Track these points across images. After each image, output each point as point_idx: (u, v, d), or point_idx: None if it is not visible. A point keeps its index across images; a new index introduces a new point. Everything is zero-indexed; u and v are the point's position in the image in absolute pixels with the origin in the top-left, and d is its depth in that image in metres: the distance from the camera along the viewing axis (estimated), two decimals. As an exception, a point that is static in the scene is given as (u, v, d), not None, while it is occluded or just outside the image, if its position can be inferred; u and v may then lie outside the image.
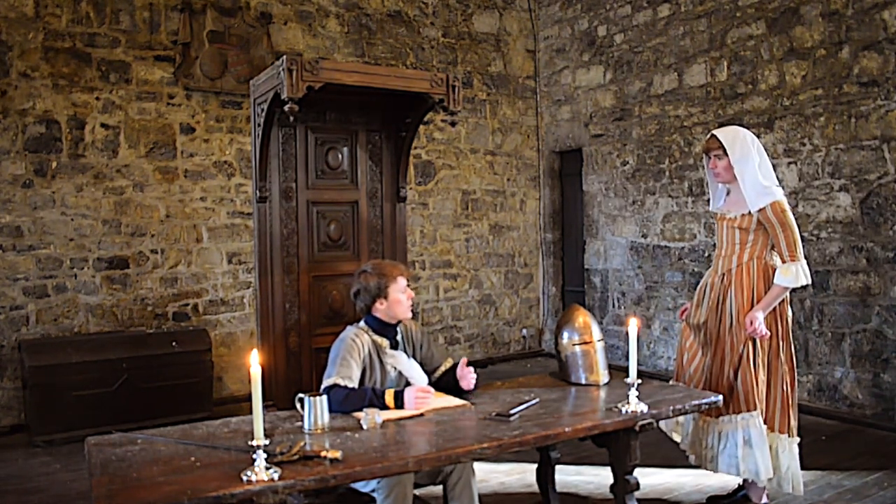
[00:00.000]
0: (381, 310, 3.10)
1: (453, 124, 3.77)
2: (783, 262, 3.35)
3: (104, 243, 5.74)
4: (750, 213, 3.40)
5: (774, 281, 3.34)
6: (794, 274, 3.30)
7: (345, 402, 2.78)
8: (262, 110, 3.56)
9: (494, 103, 7.87)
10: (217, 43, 6.14)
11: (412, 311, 3.19)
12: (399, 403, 2.79)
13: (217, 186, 6.22)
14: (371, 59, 6.99)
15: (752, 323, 3.31)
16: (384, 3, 7.13)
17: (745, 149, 3.40)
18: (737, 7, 5.97)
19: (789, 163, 5.61)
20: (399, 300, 3.09)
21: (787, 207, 3.38)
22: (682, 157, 6.54)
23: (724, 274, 3.50)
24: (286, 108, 3.21)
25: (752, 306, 3.37)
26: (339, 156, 3.92)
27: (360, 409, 2.72)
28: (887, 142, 5.01)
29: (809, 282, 3.38)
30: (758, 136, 5.90)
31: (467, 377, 3.08)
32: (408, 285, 3.17)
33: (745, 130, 3.52)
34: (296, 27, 6.63)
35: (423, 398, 2.82)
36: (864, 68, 5.13)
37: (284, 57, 3.20)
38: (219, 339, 6.16)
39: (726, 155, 3.42)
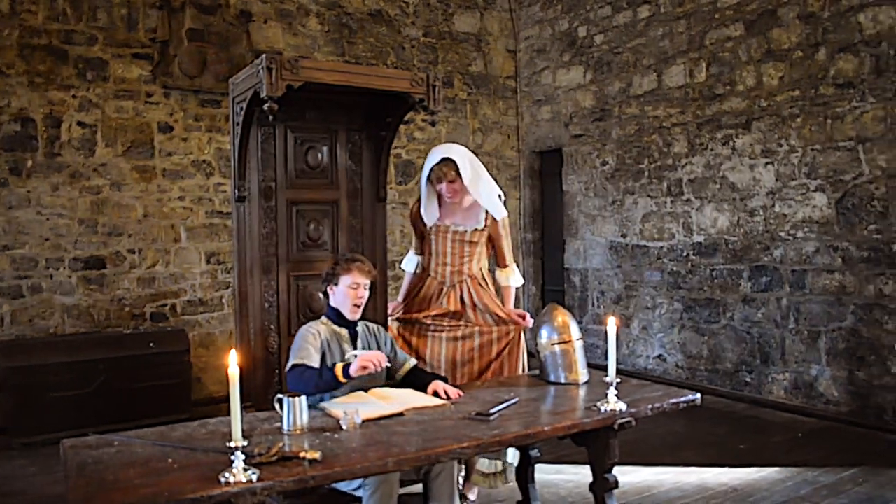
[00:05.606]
0: (332, 299, 3.13)
1: (433, 124, 3.80)
2: (503, 266, 3.74)
3: (80, 243, 5.67)
4: (483, 227, 3.64)
5: (511, 284, 3.76)
6: (518, 275, 3.79)
7: (301, 379, 2.81)
8: (242, 109, 3.53)
9: (475, 103, 7.88)
10: (196, 41, 6.09)
11: (361, 314, 3.15)
12: (346, 373, 2.77)
13: (195, 186, 6.17)
14: (352, 58, 6.97)
15: (522, 318, 3.64)
16: (365, 3, 7.11)
17: (475, 167, 3.61)
18: (716, 9, 6.02)
19: (766, 163, 5.67)
20: (344, 293, 3.08)
21: None
22: (661, 157, 6.58)
23: (455, 284, 3.71)
24: (265, 106, 3.18)
25: (497, 306, 3.69)
26: (319, 155, 3.90)
27: (316, 387, 2.78)
28: (862, 143, 5.08)
29: (523, 280, 3.87)
30: (735, 137, 6.02)
31: (452, 393, 3.03)
32: (368, 288, 3.13)
33: (464, 148, 3.69)
34: (276, 26, 6.59)
35: (369, 359, 2.78)
36: (840, 70, 5.19)
37: (264, 55, 3.18)
38: (197, 340, 6.11)
39: (460, 177, 3.55)
